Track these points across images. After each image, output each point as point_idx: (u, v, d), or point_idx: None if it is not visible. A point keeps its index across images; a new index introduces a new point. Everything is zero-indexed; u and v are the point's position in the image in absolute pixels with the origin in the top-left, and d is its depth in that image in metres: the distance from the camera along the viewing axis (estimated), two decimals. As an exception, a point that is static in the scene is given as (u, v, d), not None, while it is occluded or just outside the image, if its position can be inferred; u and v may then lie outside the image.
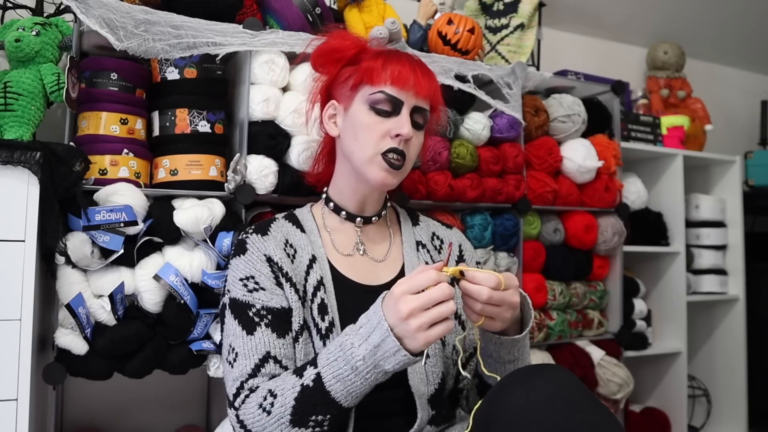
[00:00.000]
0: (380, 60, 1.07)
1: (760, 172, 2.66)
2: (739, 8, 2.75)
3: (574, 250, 1.92)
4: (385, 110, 1.05)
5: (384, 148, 1.05)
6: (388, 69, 1.05)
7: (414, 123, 1.07)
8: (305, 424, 0.90)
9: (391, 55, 1.08)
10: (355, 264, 1.11)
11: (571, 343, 1.93)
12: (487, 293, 0.88)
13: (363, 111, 1.07)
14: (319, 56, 1.15)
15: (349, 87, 1.10)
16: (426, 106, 1.09)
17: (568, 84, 2.03)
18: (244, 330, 0.99)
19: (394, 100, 1.05)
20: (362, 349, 0.87)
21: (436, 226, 1.23)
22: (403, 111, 1.06)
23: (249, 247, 1.06)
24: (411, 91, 1.05)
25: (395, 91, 1.05)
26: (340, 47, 1.12)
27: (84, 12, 1.24)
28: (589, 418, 0.80)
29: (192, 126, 1.37)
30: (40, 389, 1.29)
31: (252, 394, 0.95)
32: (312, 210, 1.18)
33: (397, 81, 1.04)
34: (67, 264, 1.22)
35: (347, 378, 0.88)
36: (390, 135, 1.05)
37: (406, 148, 1.06)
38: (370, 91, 1.06)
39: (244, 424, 0.93)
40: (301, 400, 0.90)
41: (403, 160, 1.06)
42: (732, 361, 2.47)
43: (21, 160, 1.13)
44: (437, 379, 1.06)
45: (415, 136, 1.08)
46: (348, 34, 1.16)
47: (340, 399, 0.89)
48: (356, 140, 1.07)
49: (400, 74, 1.04)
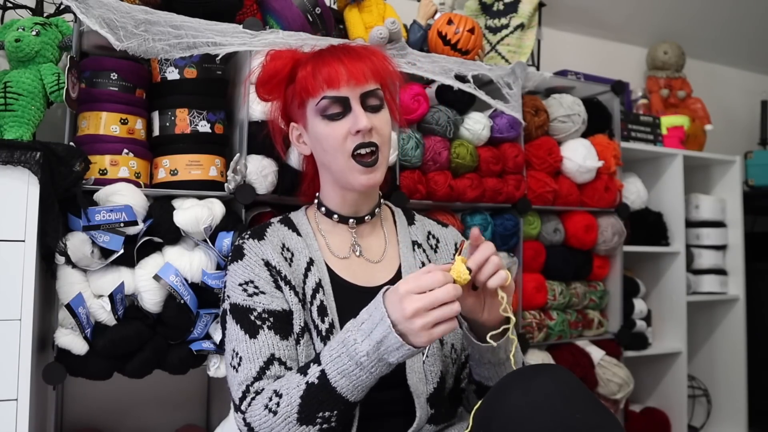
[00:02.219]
0: (309, 67, 1.05)
1: (760, 172, 2.66)
2: (739, 8, 2.75)
3: (574, 250, 1.92)
4: (336, 113, 1.04)
5: (351, 148, 1.04)
6: (318, 75, 1.04)
7: (370, 108, 1.06)
8: (312, 421, 0.90)
9: (317, 58, 1.06)
10: (352, 266, 1.11)
11: (571, 343, 1.93)
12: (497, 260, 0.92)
13: (318, 122, 1.06)
14: (261, 86, 1.14)
15: (297, 106, 1.09)
16: (373, 87, 1.06)
17: (568, 84, 2.03)
18: (246, 334, 0.99)
19: (338, 100, 1.04)
20: (365, 345, 0.87)
21: (432, 225, 1.23)
22: (353, 105, 1.04)
23: (246, 252, 1.06)
24: (349, 83, 1.03)
25: (334, 92, 1.03)
26: (274, 70, 1.11)
27: (84, 12, 1.24)
28: (589, 418, 0.80)
29: (192, 126, 1.37)
30: (40, 389, 1.29)
31: (258, 396, 0.95)
32: (307, 213, 1.18)
33: (330, 82, 1.03)
34: (67, 264, 1.22)
35: (352, 373, 0.88)
36: (351, 133, 1.04)
37: (372, 136, 1.05)
38: (314, 103, 1.05)
39: (252, 427, 0.93)
40: (306, 398, 0.90)
41: (375, 150, 1.05)
42: (732, 361, 2.47)
43: (21, 160, 1.13)
44: (436, 378, 1.06)
45: (376, 120, 1.06)
46: (279, 52, 1.13)
47: (347, 394, 0.89)
48: (325, 152, 1.07)
49: (330, 74, 1.03)
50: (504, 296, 0.92)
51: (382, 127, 1.07)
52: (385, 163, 1.09)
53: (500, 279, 0.91)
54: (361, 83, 1.04)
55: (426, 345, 0.86)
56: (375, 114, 1.06)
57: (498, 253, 0.94)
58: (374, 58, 1.07)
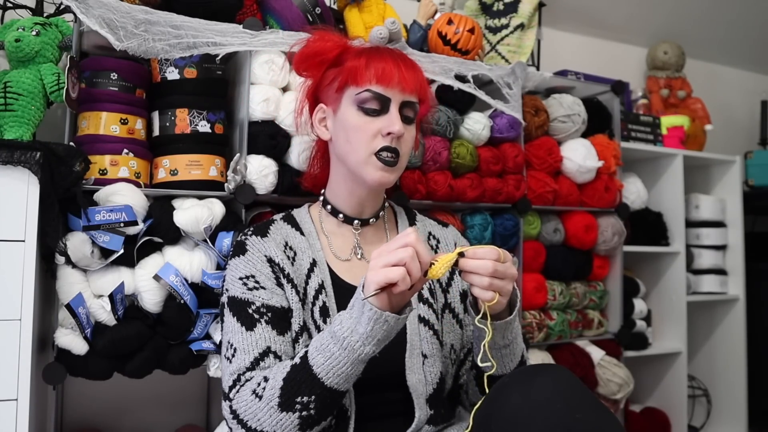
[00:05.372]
0: (363, 59, 1.05)
1: (760, 172, 2.66)
2: (740, 8, 2.75)
3: (574, 250, 1.92)
4: (373, 109, 1.04)
5: (377, 147, 1.04)
6: (371, 67, 1.04)
7: (404, 118, 1.06)
8: (292, 407, 0.89)
9: (373, 52, 1.07)
10: (353, 268, 1.11)
11: (571, 343, 1.93)
12: (491, 265, 0.88)
13: (351, 112, 1.06)
14: (301, 61, 1.13)
15: (335, 89, 1.09)
16: (414, 99, 1.08)
17: (568, 84, 2.03)
18: (243, 326, 0.99)
19: (381, 98, 1.04)
20: (341, 316, 0.89)
21: (433, 225, 1.23)
22: (392, 108, 1.05)
23: (249, 248, 1.06)
24: (397, 87, 1.04)
25: (381, 88, 1.04)
26: (321, 50, 1.10)
27: (84, 12, 1.24)
28: (589, 418, 0.80)
29: (192, 126, 1.37)
30: (40, 389, 1.29)
31: (248, 383, 0.94)
32: (310, 211, 1.17)
33: (382, 79, 1.03)
34: (67, 264, 1.22)
35: (327, 348, 0.88)
36: (381, 134, 1.04)
37: (398, 144, 1.06)
38: (356, 92, 1.05)
39: (237, 413, 0.92)
40: (288, 380, 0.90)
41: (397, 156, 1.05)
42: (732, 361, 2.47)
43: (21, 160, 1.13)
44: (435, 378, 1.06)
45: (406, 131, 1.07)
46: (329, 35, 1.13)
47: (321, 373, 0.88)
48: (348, 143, 1.06)
49: (384, 71, 1.03)
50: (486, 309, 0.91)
51: (409, 140, 1.09)
52: (400, 171, 1.10)
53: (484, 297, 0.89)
54: (407, 92, 1.06)
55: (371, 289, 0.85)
56: (407, 125, 1.07)
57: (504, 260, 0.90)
58: (422, 75, 1.10)
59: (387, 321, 0.86)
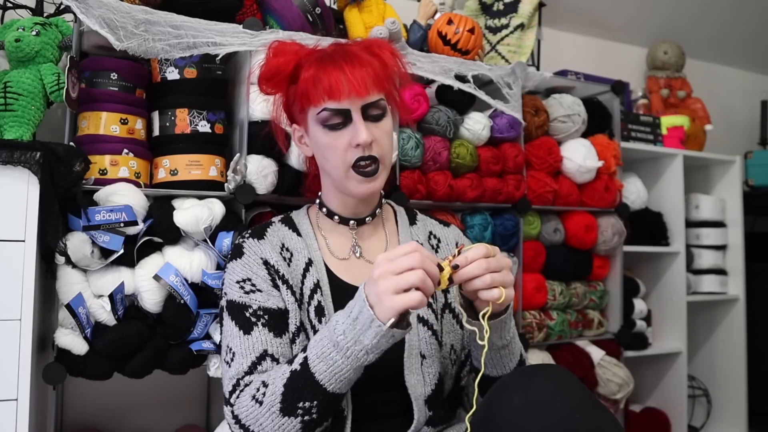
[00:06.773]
0: (312, 71, 1.02)
1: (760, 172, 2.66)
2: (739, 8, 2.75)
3: (574, 250, 1.92)
4: (336, 124, 1.02)
5: (352, 160, 1.03)
6: (319, 86, 1.01)
7: (371, 118, 1.03)
8: (294, 412, 0.89)
9: (320, 62, 1.03)
10: (351, 267, 1.11)
11: (571, 343, 1.93)
12: (485, 263, 0.87)
13: (318, 131, 1.04)
14: (263, 81, 1.12)
15: (298, 110, 1.08)
16: (375, 98, 1.03)
17: (568, 84, 2.03)
18: (241, 330, 0.99)
19: (340, 112, 1.01)
20: (344, 324, 0.87)
21: (434, 225, 1.22)
22: (354, 117, 1.02)
23: (246, 251, 1.06)
24: (351, 95, 1.00)
25: (336, 104, 1.01)
26: (277, 67, 1.08)
27: (84, 12, 1.24)
28: (589, 418, 0.80)
29: (192, 126, 1.37)
30: (40, 389, 1.29)
31: (246, 387, 0.95)
32: (308, 212, 1.17)
33: (332, 94, 1.00)
34: (67, 264, 1.22)
35: (329, 356, 0.87)
36: (351, 146, 1.02)
37: (373, 149, 1.03)
38: (315, 112, 1.03)
39: (239, 419, 0.93)
40: (289, 386, 0.89)
41: (375, 162, 1.04)
42: (732, 361, 2.47)
43: (21, 160, 1.13)
44: (434, 379, 1.05)
45: (378, 130, 1.04)
46: (282, 46, 1.10)
47: (323, 380, 0.88)
48: (326, 160, 1.06)
49: (332, 86, 1.00)
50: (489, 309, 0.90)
51: (383, 137, 1.05)
52: (386, 172, 1.07)
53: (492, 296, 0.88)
54: (363, 95, 1.01)
55: (390, 317, 0.83)
56: (376, 123, 1.04)
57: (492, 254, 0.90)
58: (376, 61, 1.04)
59: (393, 336, 0.86)
